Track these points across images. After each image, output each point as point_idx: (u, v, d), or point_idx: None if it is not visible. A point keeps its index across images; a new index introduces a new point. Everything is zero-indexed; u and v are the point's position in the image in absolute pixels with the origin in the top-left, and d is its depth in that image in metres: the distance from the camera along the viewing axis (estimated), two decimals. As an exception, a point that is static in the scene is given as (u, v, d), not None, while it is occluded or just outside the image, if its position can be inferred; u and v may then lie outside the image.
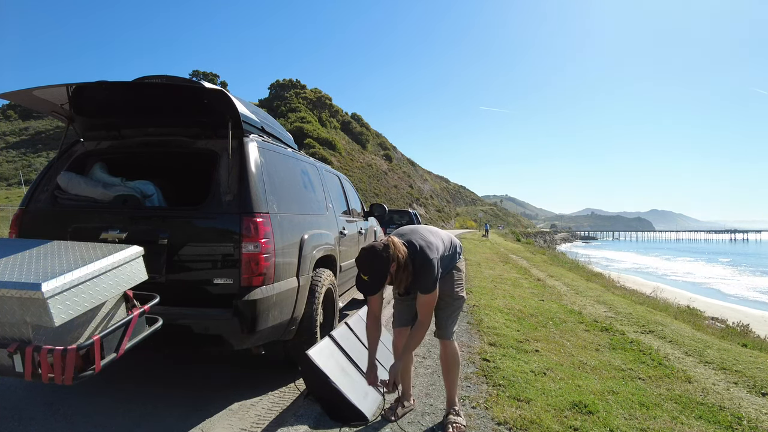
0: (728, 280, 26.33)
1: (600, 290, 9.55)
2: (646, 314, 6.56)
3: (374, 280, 2.23)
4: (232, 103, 2.63)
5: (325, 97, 68.67)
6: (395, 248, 2.23)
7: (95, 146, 3.11)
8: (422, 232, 2.42)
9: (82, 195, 2.88)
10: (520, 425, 2.43)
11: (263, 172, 2.84)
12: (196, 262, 2.65)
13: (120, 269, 2.06)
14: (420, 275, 2.27)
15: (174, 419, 2.50)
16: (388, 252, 2.20)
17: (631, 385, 3.25)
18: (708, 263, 39.69)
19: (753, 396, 3.30)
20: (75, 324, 1.86)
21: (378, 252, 2.20)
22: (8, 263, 1.89)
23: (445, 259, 2.41)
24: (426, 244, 2.32)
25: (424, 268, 2.26)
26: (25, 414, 2.53)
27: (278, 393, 2.93)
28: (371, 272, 2.22)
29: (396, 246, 2.24)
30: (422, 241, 2.32)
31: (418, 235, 2.37)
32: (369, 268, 2.23)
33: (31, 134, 56.29)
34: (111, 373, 2.92)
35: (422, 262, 2.26)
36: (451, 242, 2.51)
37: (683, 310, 8.95)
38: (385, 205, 6.18)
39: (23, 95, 2.75)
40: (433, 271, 2.26)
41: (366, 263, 2.23)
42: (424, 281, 2.27)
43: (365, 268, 2.24)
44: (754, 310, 14.97)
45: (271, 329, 2.71)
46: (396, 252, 2.22)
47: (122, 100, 2.99)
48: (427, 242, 2.34)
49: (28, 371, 1.74)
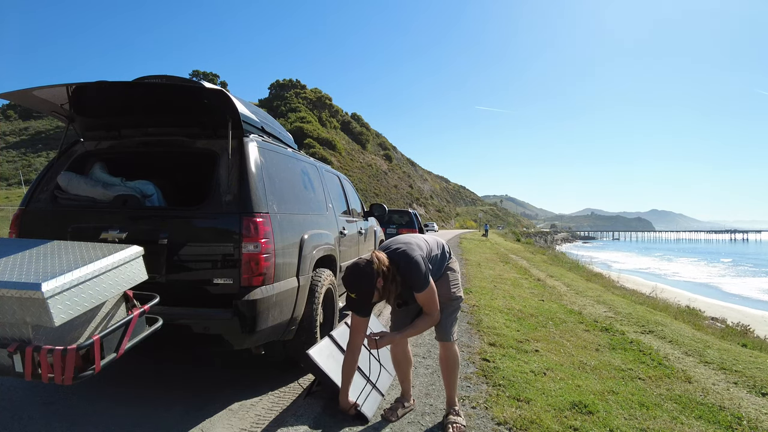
0: (731, 279, 26.40)
1: (600, 290, 9.55)
2: (646, 314, 6.56)
3: (362, 297, 2.25)
4: (232, 103, 2.63)
5: (325, 97, 68.67)
6: (379, 262, 2.23)
7: (95, 146, 3.11)
8: (401, 238, 2.46)
9: (82, 195, 2.88)
10: (520, 425, 2.43)
11: (263, 172, 2.84)
12: (196, 262, 2.65)
13: (120, 269, 2.06)
14: (409, 277, 2.27)
15: (174, 419, 2.50)
16: (371, 267, 2.20)
17: (631, 385, 3.25)
18: (710, 263, 39.69)
19: (753, 396, 3.30)
20: (75, 324, 1.86)
21: (362, 268, 2.21)
22: (8, 263, 1.89)
23: (433, 259, 2.42)
24: (405, 245, 2.34)
25: (410, 267, 2.25)
26: (25, 414, 2.53)
27: (278, 393, 2.93)
28: (358, 290, 2.24)
29: (380, 260, 2.24)
30: (401, 245, 2.35)
31: (397, 242, 2.40)
32: (356, 285, 2.23)
33: (31, 134, 56.31)
34: (111, 373, 2.93)
35: (407, 263, 2.26)
36: (436, 243, 2.53)
37: (683, 310, 8.96)
38: (385, 205, 6.19)
39: (23, 95, 2.75)
40: (420, 268, 2.25)
41: (352, 281, 2.23)
42: (416, 280, 2.26)
43: (352, 286, 2.24)
44: (754, 310, 14.98)
45: (271, 329, 2.71)
46: (380, 266, 2.22)
47: (122, 100, 2.98)
48: (406, 243, 2.35)
49: (28, 371, 1.74)
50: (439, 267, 2.46)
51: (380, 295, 2.28)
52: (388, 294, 2.29)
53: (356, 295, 2.25)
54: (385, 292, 2.28)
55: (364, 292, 2.23)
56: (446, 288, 2.45)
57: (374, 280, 2.20)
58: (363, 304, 2.28)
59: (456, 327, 2.51)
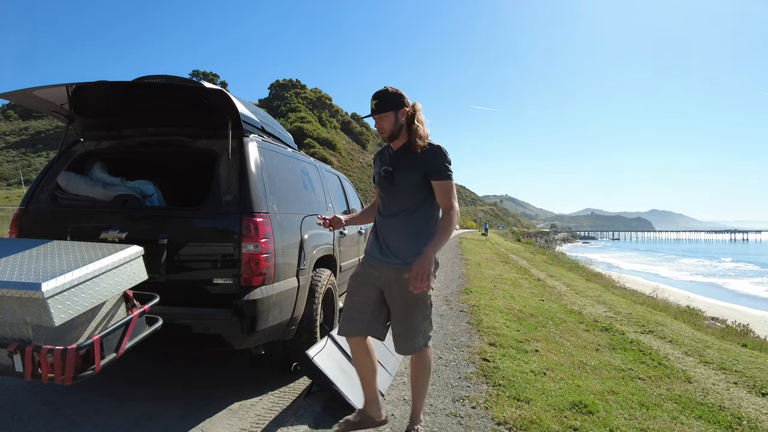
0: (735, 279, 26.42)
1: (600, 290, 9.55)
2: (646, 314, 6.56)
3: (380, 106, 2.03)
4: (232, 103, 2.63)
5: (325, 97, 68.67)
6: (416, 109, 2.05)
7: (95, 146, 3.11)
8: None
9: (82, 195, 2.88)
10: (520, 425, 2.43)
11: (263, 172, 2.84)
12: (196, 262, 2.65)
13: (120, 269, 2.06)
14: (432, 160, 2.03)
15: (174, 419, 2.50)
16: (404, 99, 2.05)
17: (631, 385, 3.25)
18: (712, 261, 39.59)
19: (753, 396, 3.30)
20: (75, 324, 1.86)
21: (398, 92, 2.04)
22: (8, 263, 1.89)
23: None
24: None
25: (439, 150, 2.04)
26: (25, 414, 2.53)
27: (278, 393, 2.93)
28: (381, 98, 2.03)
29: (417, 108, 2.05)
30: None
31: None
32: (382, 93, 2.04)
33: (31, 134, 56.30)
34: (111, 373, 2.92)
35: (437, 146, 2.04)
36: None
37: (683, 310, 8.96)
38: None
39: (23, 95, 2.75)
40: (448, 156, 2.04)
41: (381, 91, 2.05)
42: (440, 165, 2.02)
43: (377, 94, 2.04)
44: (754, 310, 14.97)
45: (271, 329, 2.71)
46: (416, 109, 2.05)
47: (122, 99, 2.99)
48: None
49: (28, 371, 1.74)
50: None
51: (392, 127, 2.05)
52: (396, 133, 2.06)
53: (376, 103, 2.03)
54: (396, 128, 2.05)
55: (385, 102, 2.02)
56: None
57: (403, 101, 2.03)
58: (379, 109, 2.03)
59: (430, 325, 2.17)
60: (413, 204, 2.08)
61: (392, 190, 2.10)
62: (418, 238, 2.02)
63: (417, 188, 2.06)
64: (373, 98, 2.04)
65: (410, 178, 2.06)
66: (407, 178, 2.06)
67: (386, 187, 2.12)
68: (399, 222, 2.10)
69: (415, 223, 2.08)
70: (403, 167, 2.07)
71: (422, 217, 2.09)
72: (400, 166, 2.08)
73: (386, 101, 2.04)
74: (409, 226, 2.08)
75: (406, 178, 2.06)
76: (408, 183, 2.06)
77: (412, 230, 2.07)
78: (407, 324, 2.09)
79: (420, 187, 2.06)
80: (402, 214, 2.09)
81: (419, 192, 2.07)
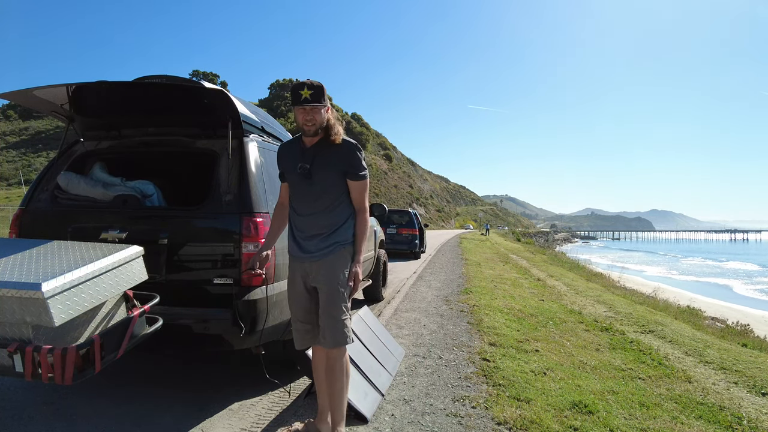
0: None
1: (600, 290, 9.55)
2: (646, 314, 6.55)
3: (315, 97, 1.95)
4: (232, 103, 2.63)
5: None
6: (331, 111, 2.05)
7: (95, 146, 3.10)
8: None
9: (82, 195, 2.88)
10: (520, 425, 2.43)
11: (263, 172, 2.84)
12: (196, 262, 2.65)
13: (120, 269, 2.06)
14: (350, 158, 2.05)
15: (174, 419, 2.50)
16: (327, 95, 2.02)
17: (631, 385, 3.25)
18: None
19: (753, 396, 3.30)
20: (75, 324, 1.86)
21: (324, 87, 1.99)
22: (8, 263, 1.89)
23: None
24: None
25: (357, 150, 2.06)
26: (25, 414, 2.53)
27: (278, 393, 2.93)
28: (317, 88, 1.95)
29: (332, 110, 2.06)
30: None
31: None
32: (316, 84, 1.96)
33: (31, 134, 56.33)
34: (111, 373, 2.92)
35: (355, 145, 2.07)
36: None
37: (683, 310, 8.95)
38: (385, 205, 6.19)
39: (23, 95, 2.75)
40: (363, 158, 2.09)
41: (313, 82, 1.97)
42: (357, 163, 2.05)
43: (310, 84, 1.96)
44: (754, 310, 14.97)
45: (271, 329, 2.71)
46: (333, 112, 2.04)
47: (122, 100, 2.98)
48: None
49: (28, 371, 1.74)
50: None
51: (322, 121, 2.00)
52: (318, 125, 2.00)
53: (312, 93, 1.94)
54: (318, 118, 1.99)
55: (321, 91, 1.96)
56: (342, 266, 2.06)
57: (324, 93, 1.98)
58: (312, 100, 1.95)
59: (349, 319, 2.08)
60: (331, 201, 2.08)
61: (309, 188, 2.08)
62: (335, 232, 2.06)
63: (334, 186, 2.07)
64: (307, 87, 1.95)
65: (328, 176, 2.06)
66: (325, 177, 2.06)
67: (302, 185, 2.09)
68: (317, 219, 2.08)
69: (333, 218, 2.08)
70: (320, 165, 2.05)
71: (340, 214, 2.09)
72: (317, 163, 2.06)
73: (320, 93, 1.97)
74: (327, 221, 2.08)
75: (324, 176, 2.06)
76: (326, 181, 2.06)
77: (329, 224, 2.07)
78: (329, 314, 2.05)
79: (337, 185, 2.08)
80: (320, 212, 2.08)
81: (336, 189, 2.08)
